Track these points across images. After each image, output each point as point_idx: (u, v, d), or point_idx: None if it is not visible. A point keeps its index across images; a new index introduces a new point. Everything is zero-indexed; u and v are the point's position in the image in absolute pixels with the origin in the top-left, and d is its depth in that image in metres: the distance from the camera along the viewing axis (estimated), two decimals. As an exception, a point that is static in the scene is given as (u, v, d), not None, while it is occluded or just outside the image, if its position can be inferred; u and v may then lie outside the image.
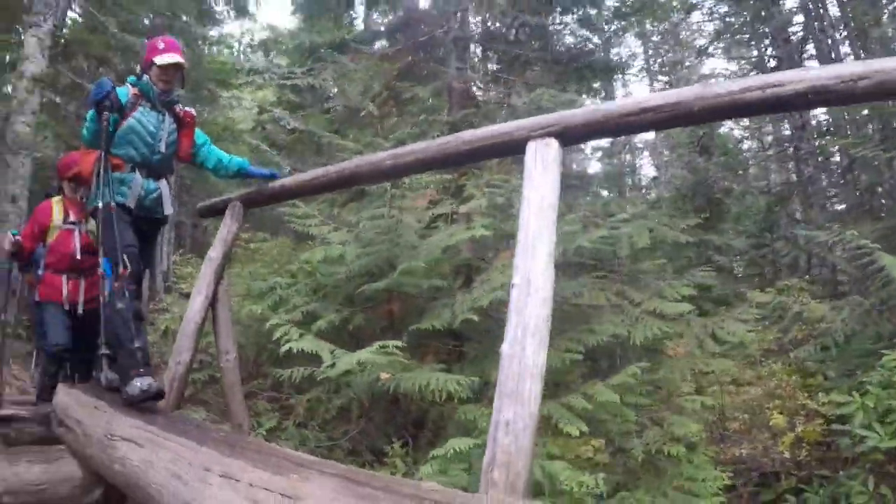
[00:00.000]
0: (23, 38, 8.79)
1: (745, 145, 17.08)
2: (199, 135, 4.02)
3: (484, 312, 4.11)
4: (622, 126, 2.50)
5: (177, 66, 3.66)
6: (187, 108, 3.92)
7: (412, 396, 3.74)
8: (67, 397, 3.65)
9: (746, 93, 2.19)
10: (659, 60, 21.84)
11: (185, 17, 11.52)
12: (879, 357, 4.06)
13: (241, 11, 15.25)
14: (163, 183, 3.85)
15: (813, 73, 2.11)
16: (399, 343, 3.53)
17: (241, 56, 17.65)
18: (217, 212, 4.30)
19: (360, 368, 3.68)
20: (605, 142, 21.60)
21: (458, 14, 6.70)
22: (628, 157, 23.15)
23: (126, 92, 3.59)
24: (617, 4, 9.93)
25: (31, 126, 8.38)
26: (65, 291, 4.33)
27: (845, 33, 11.30)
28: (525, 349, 2.02)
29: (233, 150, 10.81)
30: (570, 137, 2.56)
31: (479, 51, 7.43)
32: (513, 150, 2.75)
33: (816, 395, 5.04)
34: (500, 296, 3.90)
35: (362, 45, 7.34)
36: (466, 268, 4.95)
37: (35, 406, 4.42)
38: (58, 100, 10.61)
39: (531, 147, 2.51)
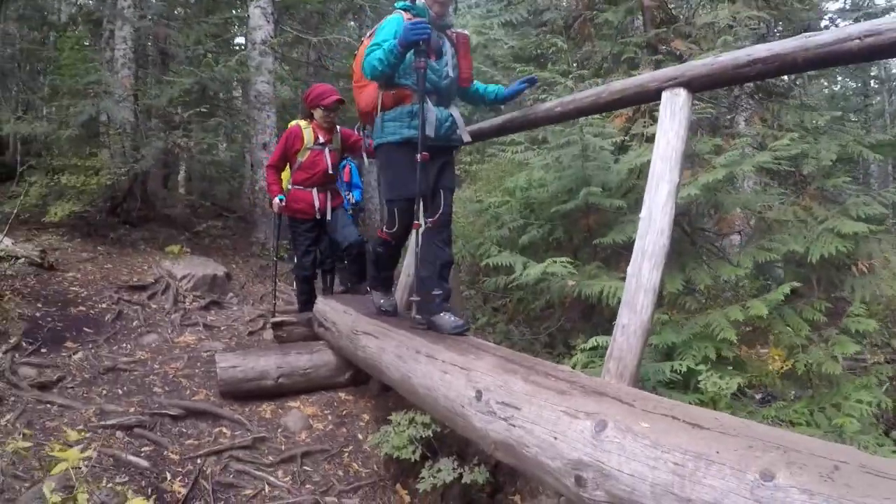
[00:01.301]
0: (248, 11, 10.28)
1: None
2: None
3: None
4: (739, 75, 2.81)
5: None
6: (460, 31, 3.86)
7: (602, 300, 4.27)
8: (325, 306, 5.09)
9: (846, 42, 2.36)
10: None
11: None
12: None
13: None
14: (454, 109, 3.84)
15: None
16: (567, 258, 4.22)
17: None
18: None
19: (551, 275, 4.40)
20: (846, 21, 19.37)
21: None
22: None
23: (400, 20, 3.53)
24: None
25: (270, 83, 10.02)
26: (317, 203, 5.47)
27: None
28: (642, 269, 2.68)
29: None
30: (696, 86, 2.93)
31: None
32: (650, 98, 3.19)
33: None
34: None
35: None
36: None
37: (299, 313, 5.82)
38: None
39: (665, 96, 2.95)
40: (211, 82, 9.03)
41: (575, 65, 6.68)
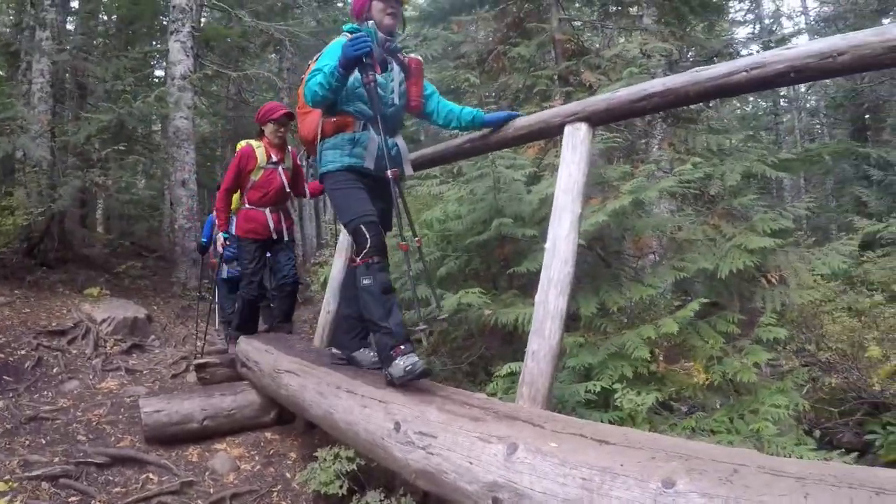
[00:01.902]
0: (168, 45, 10.25)
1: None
2: (427, 85, 3.81)
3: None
4: (636, 109, 3.03)
5: None
6: (412, 55, 3.71)
7: (518, 327, 4.36)
8: (247, 346, 5.09)
9: (733, 75, 2.58)
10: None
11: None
12: None
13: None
14: (399, 139, 3.65)
15: (793, 52, 2.40)
16: (481, 288, 4.39)
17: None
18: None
19: (468, 305, 4.54)
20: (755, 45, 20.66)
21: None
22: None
23: (345, 42, 3.26)
24: None
25: (189, 119, 9.96)
26: (270, 223, 5.44)
27: None
28: (548, 297, 2.85)
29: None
30: (596, 120, 3.15)
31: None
32: (554, 132, 3.37)
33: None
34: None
35: (466, 9, 7.99)
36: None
37: (223, 354, 5.81)
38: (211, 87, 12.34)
39: (567, 130, 3.14)
40: (129, 118, 8.89)
41: (493, 95, 6.92)
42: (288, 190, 5.54)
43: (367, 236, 3.29)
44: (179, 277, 10.17)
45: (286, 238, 5.62)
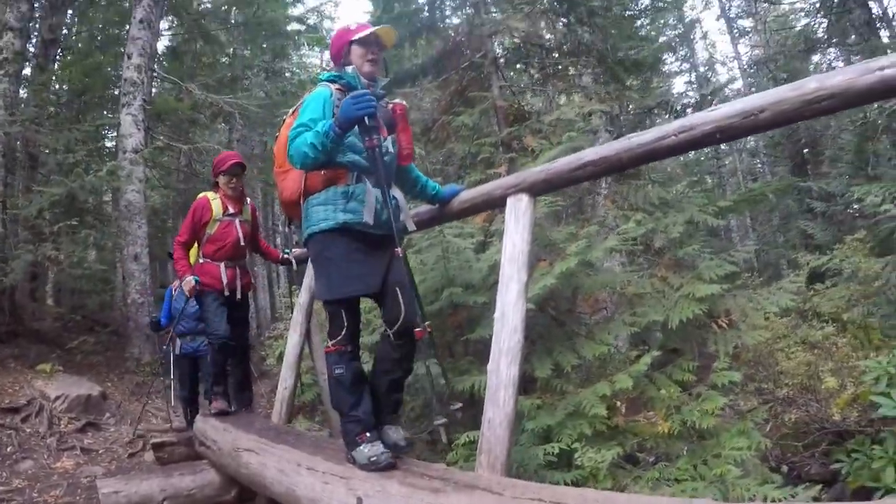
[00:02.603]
0: (119, 118, 10.28)
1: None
2: None
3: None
4: (573, 178, 3.19)
5: (380, 42, 3.19)
6: (396, 101, 3.36)
7: (475, 394, 4.50)
8: (204, 424, 5.03)
9: (663, 140, 2.72)
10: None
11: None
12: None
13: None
14: (397, 192, 3.32)
15: (717, 113, 2.56)
16: (434, 358, 4.47)
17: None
18: (302, 261, 5.08)
19: (423, 375, 4.58)
20: (695, 93, 21.58)
21: (494, 36, 7.35)
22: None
23: (328, 94, 3.09)
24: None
25: (140, 192, 9.94)
26: (224, 279, 5.10)
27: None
28: (500, 366, 2.92)
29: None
30: (537, 191, 3.28)
31: (520, 64, 8.15)
32: (497, 204, 3.49)
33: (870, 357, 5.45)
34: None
35: (409, 80, 8.28)
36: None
37: (182, 432, 5.71)
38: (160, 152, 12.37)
39: (509, 202, 3.26)
40: (80, 191, 8.84)
41: (439, 163, 7.11)
42: (243, 244, 5.26)
43: (345, 324, 3.11)
44: (133, 353, 10.04)
45: (244, 299, 5.39)
